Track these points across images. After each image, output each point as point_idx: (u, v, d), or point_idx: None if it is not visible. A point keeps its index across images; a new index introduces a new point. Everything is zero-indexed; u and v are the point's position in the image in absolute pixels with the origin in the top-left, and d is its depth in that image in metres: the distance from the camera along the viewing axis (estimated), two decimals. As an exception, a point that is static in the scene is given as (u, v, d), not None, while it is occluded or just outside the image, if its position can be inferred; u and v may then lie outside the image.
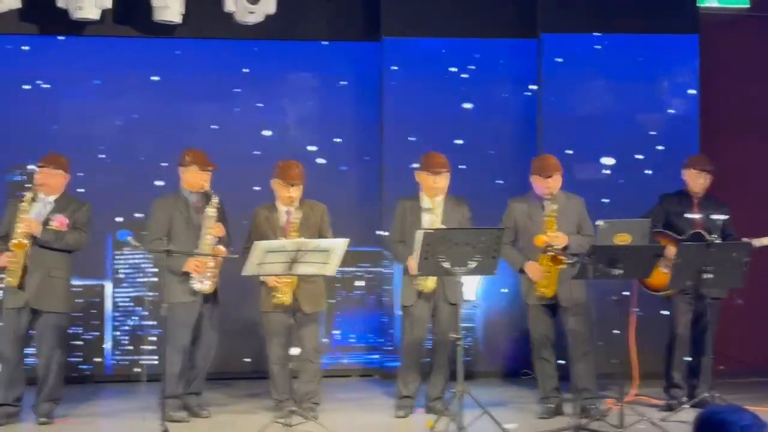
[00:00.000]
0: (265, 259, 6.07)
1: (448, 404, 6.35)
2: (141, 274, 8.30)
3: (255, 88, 8.50)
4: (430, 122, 8.45)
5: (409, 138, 8.28)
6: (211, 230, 6.55)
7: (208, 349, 6.77)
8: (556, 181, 6.62)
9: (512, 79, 8.59)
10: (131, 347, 8.25)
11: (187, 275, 6.54)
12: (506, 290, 8.21)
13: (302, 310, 6.59)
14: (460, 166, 8.33)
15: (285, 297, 6.51)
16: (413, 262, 6.53)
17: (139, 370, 8.22)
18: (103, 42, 8.33)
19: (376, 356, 8.50)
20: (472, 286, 8.22)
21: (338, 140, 8.60)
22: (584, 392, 6.50)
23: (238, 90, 8.49)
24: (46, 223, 6.51)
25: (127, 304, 8.30)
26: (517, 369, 8.01)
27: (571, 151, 8.04)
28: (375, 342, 8.54)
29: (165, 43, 8.35)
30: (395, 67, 8.45)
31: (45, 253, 6.50)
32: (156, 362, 8.15)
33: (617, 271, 6.08)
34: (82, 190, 7.46)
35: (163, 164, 7.80)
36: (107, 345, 8.25)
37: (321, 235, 6.65)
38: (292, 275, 6.29)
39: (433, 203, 6.69)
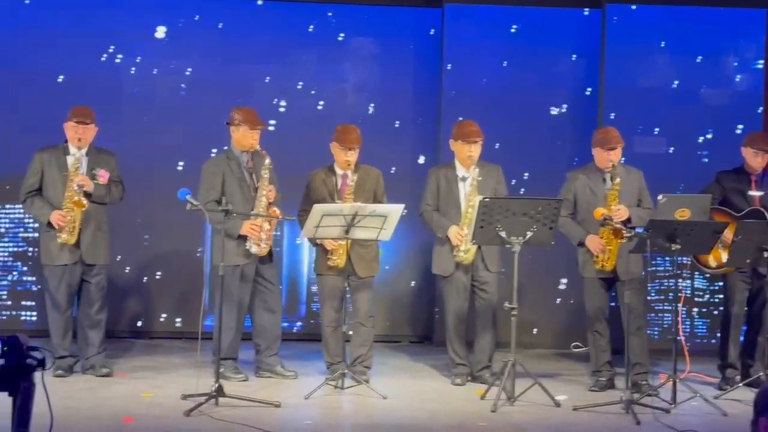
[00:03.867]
0: (322, 222, 6.12)
1: (497, 374, 6.36)
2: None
3: (315, 51, 8.49)
4: (489, 91, 8.41)
5: (468, 105, 8.22)
6: (266, 192, 6.58)
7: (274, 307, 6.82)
8: (617, 154, 6.55)
9: (575, 49, 8.49)
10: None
11: (242, 239, 6.57)
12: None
13: (356, 274, 6.63)
14: (519, 136, 8.35)
15: (340, 260, 6.56)
16: (455, 232, 6.54)
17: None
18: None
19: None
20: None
21: (397, 106, 8.58)
22: (637, 367, 6.46)
23: (299, 52, 8.48)
24: (91, 177, 6.56)
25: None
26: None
27: (631, 124, 7.93)
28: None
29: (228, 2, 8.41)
30: (456, 34, 8.40)
31: (93, 208, 6.57)
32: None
33: (675, 246, 6.03)
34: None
35: (219, 124, 7.80)
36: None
37: (376, 200, 6.68)
38: (348, 239, 6.33)
39: (469, 171, 6.66)
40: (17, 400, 3.24)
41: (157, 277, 8.42)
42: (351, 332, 6.70)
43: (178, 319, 8.40)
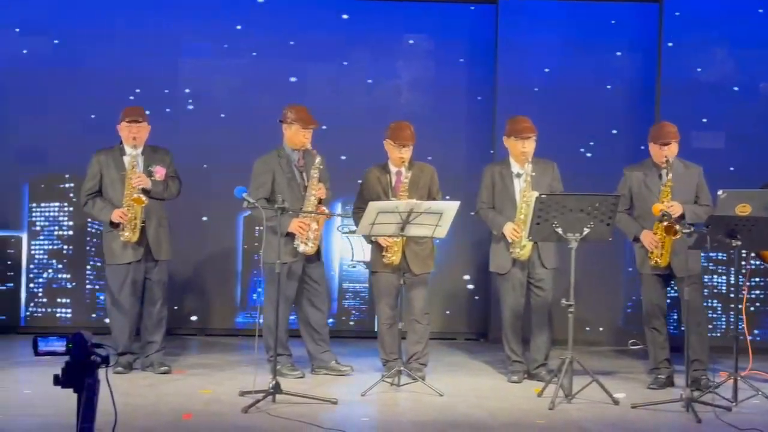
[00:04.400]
0: (377, 219, 6.12)
1: (554, 371, 6.32)
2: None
3: (369, 48, 8.51)
4: (544, 87, 8.38)
5: (522, 102, 8.17)
6: (315, 191, 6.60)
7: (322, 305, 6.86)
8: (672, 149, 6.48)
9: (631, 44, 8.42)
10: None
11: (290, 236, 6.60)
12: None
13: (411, 271, 6.62)
14: (574, 134, 8.29)
15: (395, 257, 6.56)
16: (510, 229, 6.52)
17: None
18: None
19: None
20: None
21: (451, 103, 8.56)
22: (695, 363, 6.37)
23: (352, 50, 8.51)
24: (148, 175, 6.65)
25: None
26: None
27: (688, 119, 7.83)
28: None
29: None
30: (510, 30, 8.35)
31: (153, 204, 6.66)
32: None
33: (736, 242, 5.94)
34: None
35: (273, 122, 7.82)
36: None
37: (431, 197, 6.67)
38: (404, 236, 6.33)
39: (523, 168, 6.61)
40: (82, 396, 3.28)
41: (213, 274, 8.49)
42: (406, 329, 6.69)
43: (234, 317, 8.47)
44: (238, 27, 8.45)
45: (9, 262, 8.25)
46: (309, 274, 6.74)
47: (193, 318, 8.49)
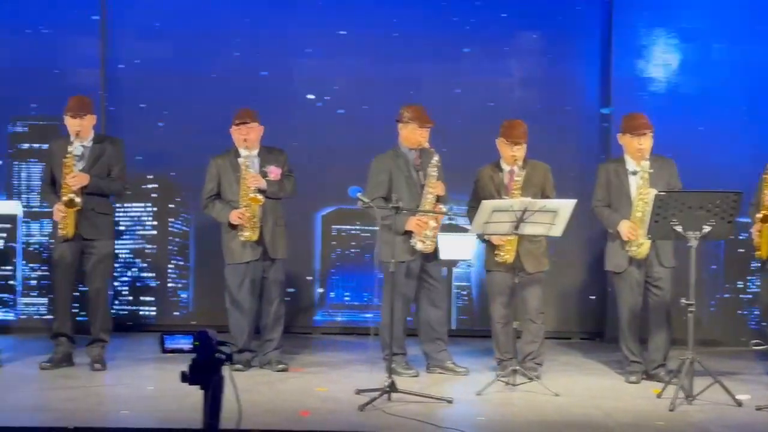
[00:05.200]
0: (491, 218, 6.11)
1: (673, 372, 6.19)
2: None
3: (480, 46, 8.47)
4: (660, 82, 8.22)
5: (638, 98, 8.03)
6: (433, 189, 6.61)
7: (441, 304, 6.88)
8: None
9: (753, 35, 8.17)
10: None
11: (407, 234, 6.63)
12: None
13: (525, 269, 6.57)
14: (692, 131, 8.10)
15: (508, 256, 6.52)
16: (627, 227, 6.41)
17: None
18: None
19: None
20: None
21: (564, 100, 8.46)
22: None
23: (464, 48, 8.48)
24: (263, 175, 6.75)
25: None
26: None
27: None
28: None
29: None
30: (626, 25, 8.21)
31: (269, 203, 6.76)
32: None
33: None
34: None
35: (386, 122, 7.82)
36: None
37: (544, 195, 6.62)
38: (518, 235, 6.29)
39: (639, 165, 6.48)
40: (208, 393, 3.37)
41: (330, 273, 8.57)
42: (521, 329, 6.64)
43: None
44: (352, 27, 8.49)
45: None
46: (428, 272, 6.77)
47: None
